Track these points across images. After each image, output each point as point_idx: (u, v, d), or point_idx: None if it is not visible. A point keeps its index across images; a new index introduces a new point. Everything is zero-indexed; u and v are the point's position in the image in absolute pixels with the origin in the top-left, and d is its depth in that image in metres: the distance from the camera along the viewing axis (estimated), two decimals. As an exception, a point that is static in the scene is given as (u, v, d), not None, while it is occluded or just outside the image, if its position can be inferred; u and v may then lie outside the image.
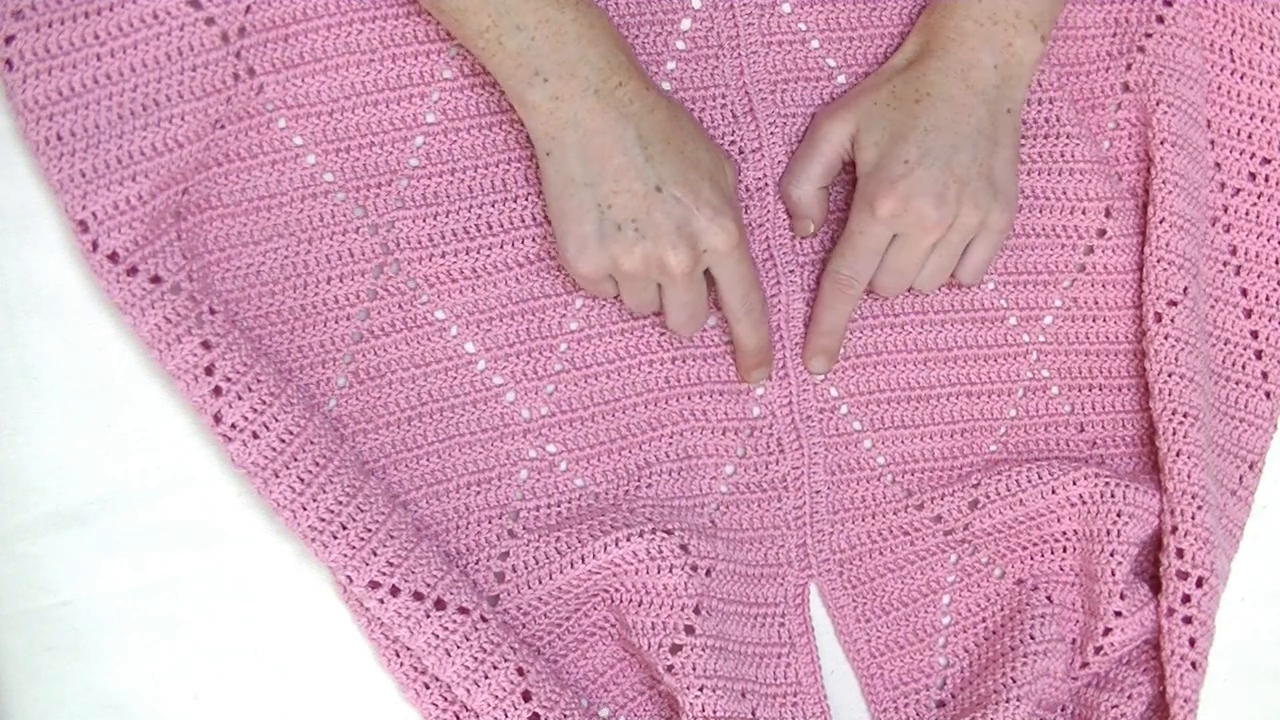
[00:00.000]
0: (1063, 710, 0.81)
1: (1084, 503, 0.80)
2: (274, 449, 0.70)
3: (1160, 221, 0.81)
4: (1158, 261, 0.81)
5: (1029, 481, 0.80)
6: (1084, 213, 0.82)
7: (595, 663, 0.77)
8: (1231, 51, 0.84)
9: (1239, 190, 0.85)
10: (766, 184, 0.79)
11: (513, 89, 0.70)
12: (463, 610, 0.71)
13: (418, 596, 0.71)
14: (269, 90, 0.73)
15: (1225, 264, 0.85)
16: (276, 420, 0.70)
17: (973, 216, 0.75)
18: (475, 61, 0.75)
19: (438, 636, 0.71)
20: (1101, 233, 0.82)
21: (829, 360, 0.79)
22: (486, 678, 0.71)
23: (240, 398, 0.69)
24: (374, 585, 0.71)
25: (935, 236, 0.75)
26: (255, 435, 0.69)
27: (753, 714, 0.77)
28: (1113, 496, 0.79)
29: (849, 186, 0.80)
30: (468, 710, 0.74)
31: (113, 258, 0.68)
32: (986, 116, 0.75)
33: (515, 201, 0.76)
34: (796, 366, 0.80)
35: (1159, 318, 0.81)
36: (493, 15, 0.68)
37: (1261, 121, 0.84)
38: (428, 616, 0.71)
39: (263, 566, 0.74)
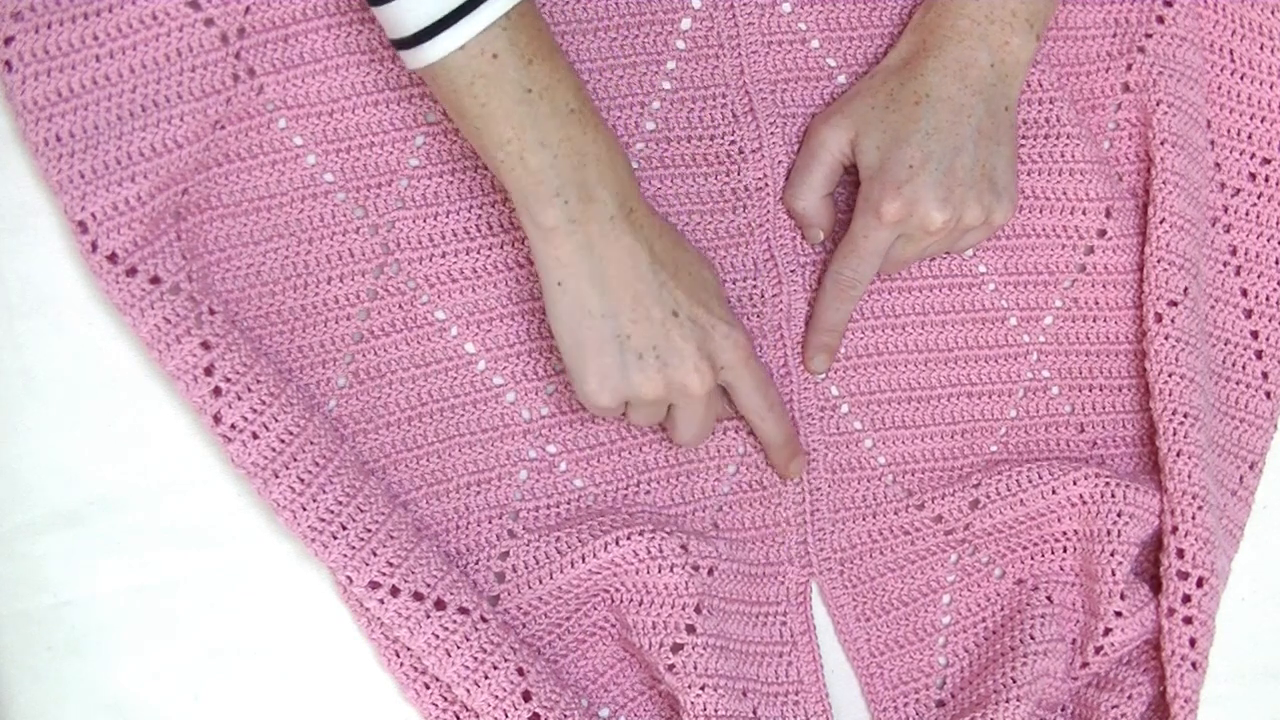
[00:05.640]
0: (1063, 710, 0.81)
1: (1084, 503, 0.80)
2: (274, 449, 0.70)
3: (1160, 222, 0.81)
4: (1158, 262, 0.81)
5: (1029, 481, 0.80)
6: (1084, 213, 0.82)
7: (595, 663, 0.77)
8: (1231, 51, 0.84)
9: (1239, 190, 0.85)
10: (766, 184, 0.79)
11: (529, 209, 0.67)
12: (463, 610, 0.71)
13: (418, 597, 0.71)
14: (269, 91, 0.73)
15: (1225, 264, 0.85)
16: (276, 420, 0.70)
17: (975, 216, 0.75)
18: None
19: (438, 636, 0.71)
20: (1102, 233, 0.82)
21: (829, 358, 0.79)
22: (487, 678, 0.71)
23: (240, 398, 0.69)
24: (374, 585, 0.71)
25: (939, 237, 0.76)
26: (255, 435, 0.69)
27: (754, 713, 0.77)
28: (1113, 497, 0.79)
29: (848, 187, 0.80)
30: (468, 710, 0.74)
31: (112, 258, 0.68)
32: (985, 115, 0.75)
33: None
34: (798, 366, 0.80)
35: (1159, 318, 0.81)
36: (516, 128, 0.66)
37: (1261, 121, 0.84)
38: (428, 617, 0.71)
39: (263, 566, 0.74)
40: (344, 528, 0.70)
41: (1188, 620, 0.79)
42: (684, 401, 0.72)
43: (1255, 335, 0.85)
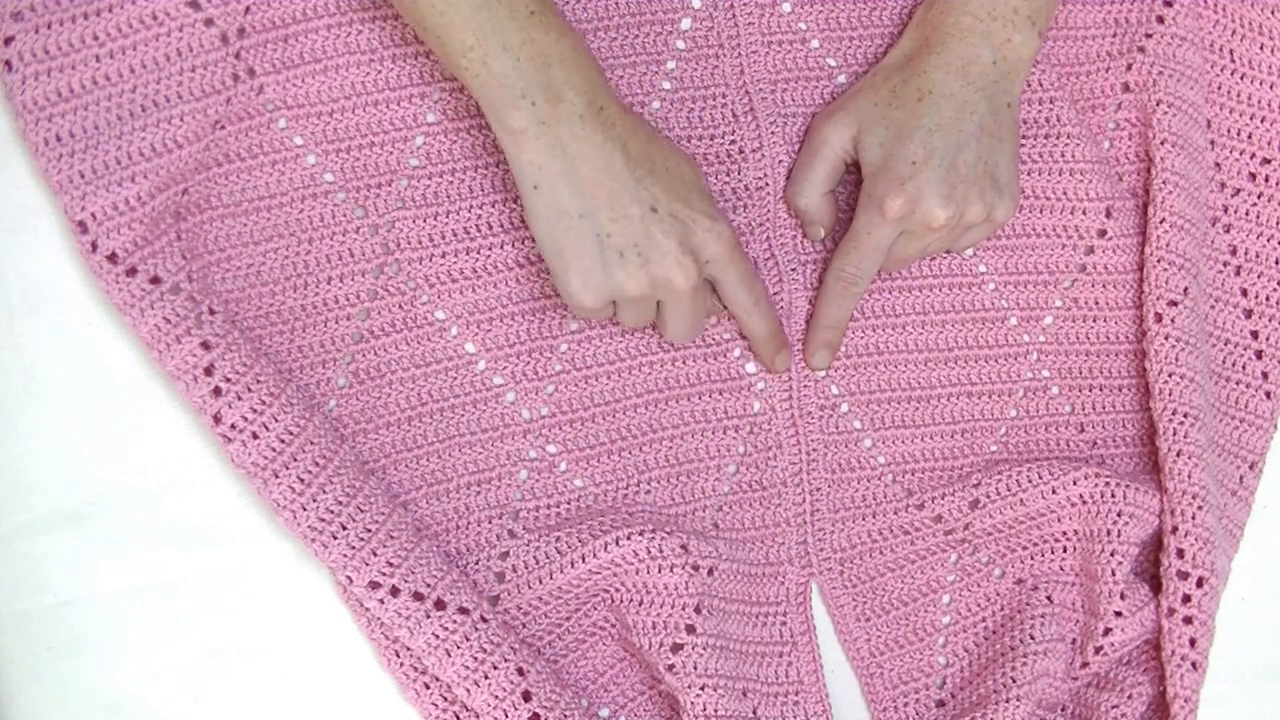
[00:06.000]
0: (1063, 710, 0.81)
1: (1084, 503, 0.80)
2: (274, 449, 0.70)
3: (1160, 222, 0.81)
4: (1158, 262, 0.81)
5: (1029, 481, 0.80)
6: (1084, 213, 0.82)
7: (595, 663, 0.78)
8: (1231, 51, 0.84)
9: (1239, 190, 0.85)
10: (766, 183, 0.79)
11: (496, 113, 0.68)
12: (463, 610, 0.71)
13: (418, 597, 0.71)
14: (269, 91, 0.73)
15: (1225, 264, 0.85)
16: (276, 420, 0.70)
17: (978, 213, 0.75)
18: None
19: (438, 637, 0.71)
20: (1102, 233, 0.82)
21: (830, 354, 0.79)
22: (487, 678, 0.71)
23: (240, 398, 0.69)
24: (374, 585, 0.71)
25: (941, 234, 0.76)
26: (255, 435, 0.69)
27: (754, 713, 0.77)
28: (1113, 496, 0.79)
29: (849, 186, 0.80)
30: (468, 710, 0.74)
31: (112, 258, 0.68)
32: (988, 112, 0.75)
33: (515, 201, 0.76)
34: (798, 364, 0.80)
35: (1159, 318, 0.81)
36: (477, 34, 0.66)
37: (1261, 121, 0.84)
38: (428, 617, 0.71)
39: (263, 566, 0.74)
40: (344, 528, 0.70)
41: (1188, 620, 0.79)
42: (670, 298, 0.72)
43: (1255, 335, 0.85)
